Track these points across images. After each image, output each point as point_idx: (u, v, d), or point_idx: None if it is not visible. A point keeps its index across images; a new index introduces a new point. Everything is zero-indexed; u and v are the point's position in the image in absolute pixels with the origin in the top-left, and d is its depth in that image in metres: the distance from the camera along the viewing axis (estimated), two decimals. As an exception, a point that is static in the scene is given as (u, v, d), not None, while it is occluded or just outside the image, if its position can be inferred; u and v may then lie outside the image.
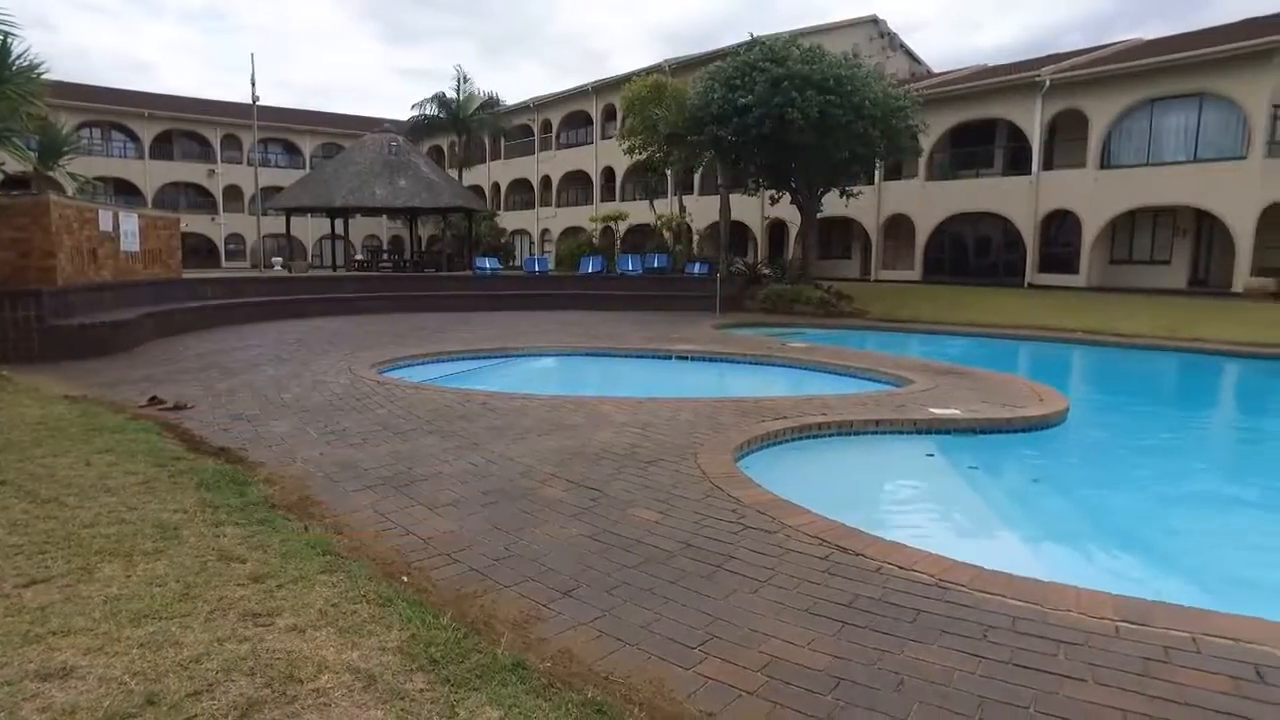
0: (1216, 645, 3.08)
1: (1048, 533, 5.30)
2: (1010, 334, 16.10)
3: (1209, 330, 15.28)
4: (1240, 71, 22.51)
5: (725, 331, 16.42)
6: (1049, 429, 7.57)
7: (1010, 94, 27.02)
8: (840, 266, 32.81)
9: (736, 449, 5.98)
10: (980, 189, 28.33)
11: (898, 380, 9.54)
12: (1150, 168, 24.50)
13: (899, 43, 37.33)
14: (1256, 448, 8.59)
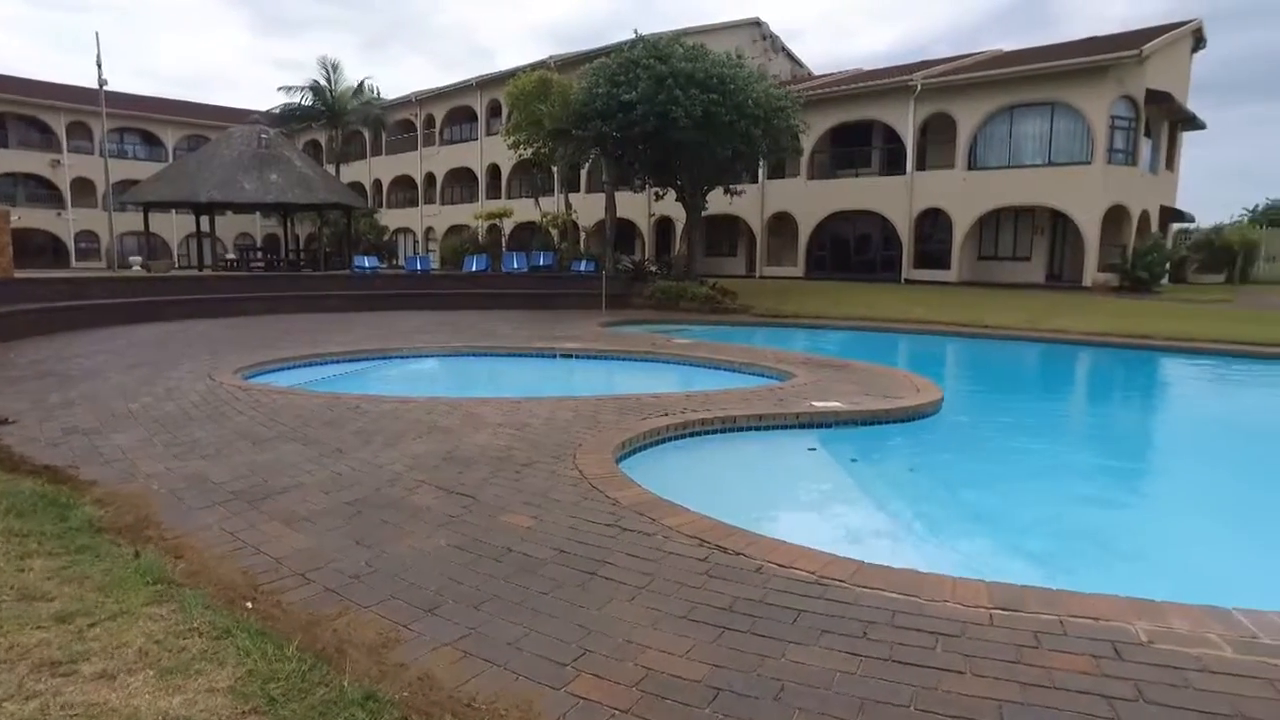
0: (1081, 626, 3.13)
1: (926, 522, 5.40)
2: (889, 327, 16.67)
3: (1066, 321, 16.31)
4: (1083, 84, 24.18)
5: (611, 329, 16.30)
6: (926, 418, 7.78)
7: (885, 97, 28.10)
8: (726, 264, 33.34)
9: (617, 448, 5.82)
10: (859, 188, 29.36)
11: (781, 374, 9.63)
12: (1011, 170, 25.98)
13: (780, 45, 38.23)
14: (1112, 429, 9.13)
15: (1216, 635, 3.09)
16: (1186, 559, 4.78)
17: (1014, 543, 5.00)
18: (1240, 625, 3.18)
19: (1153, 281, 24.63)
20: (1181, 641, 3.02)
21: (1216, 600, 3.40)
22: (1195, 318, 17.39)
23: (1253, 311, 19.56)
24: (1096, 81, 24.04)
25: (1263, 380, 11.95)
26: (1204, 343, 14.04)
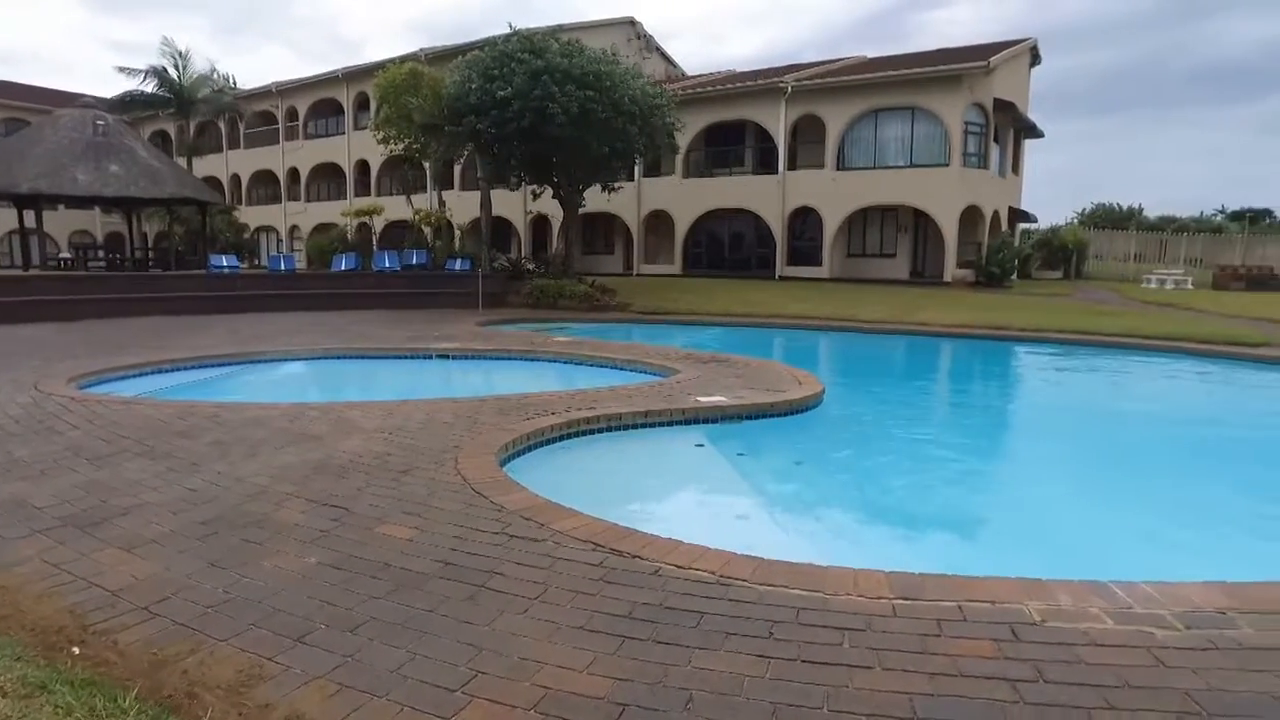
0: (979, 610, 3.15)
1: (819, 514, 5.44)
2: (766, 323, 17.03)
3: (930, 315, 17.14)
4: (940, 91, 25.59)
5: (488, 328, 15.88)
6: (809, 411, 7.89)
7: (758, 98, 28.77)
8: (604, 261, 33.30)
9: (500, 451, 5.56)
10: (733, 186, 29.95)
11: (664, 371, 9.58)
12: (877, 170, 27.15)
13: (655, 45, 38.52)
14: (981, 415, 9.60)
15: (1098, 609, 3.18)
16: (1063, 536, 4.99)
17: (906, 530, 5.10)
18: (1118, 598, 3.29)
19: (1004, 277, 26.34)
20: (1069, 618, 3.10)
21: (1094, 574, 3.53)
22: (1042, 310, 18.71)
23: (1087, 304, 21.26)
24: (951, 89, 25.47)
25: (1104, 366, 12.90)
26: (1052, 332, 15.07)
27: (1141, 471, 6.79)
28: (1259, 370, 12.13)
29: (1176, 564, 4.57)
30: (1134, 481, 6.43)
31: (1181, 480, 6.57)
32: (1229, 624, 3.11)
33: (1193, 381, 11.69)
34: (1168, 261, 34.83)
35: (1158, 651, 2.86)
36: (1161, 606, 3.22)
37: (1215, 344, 13.67)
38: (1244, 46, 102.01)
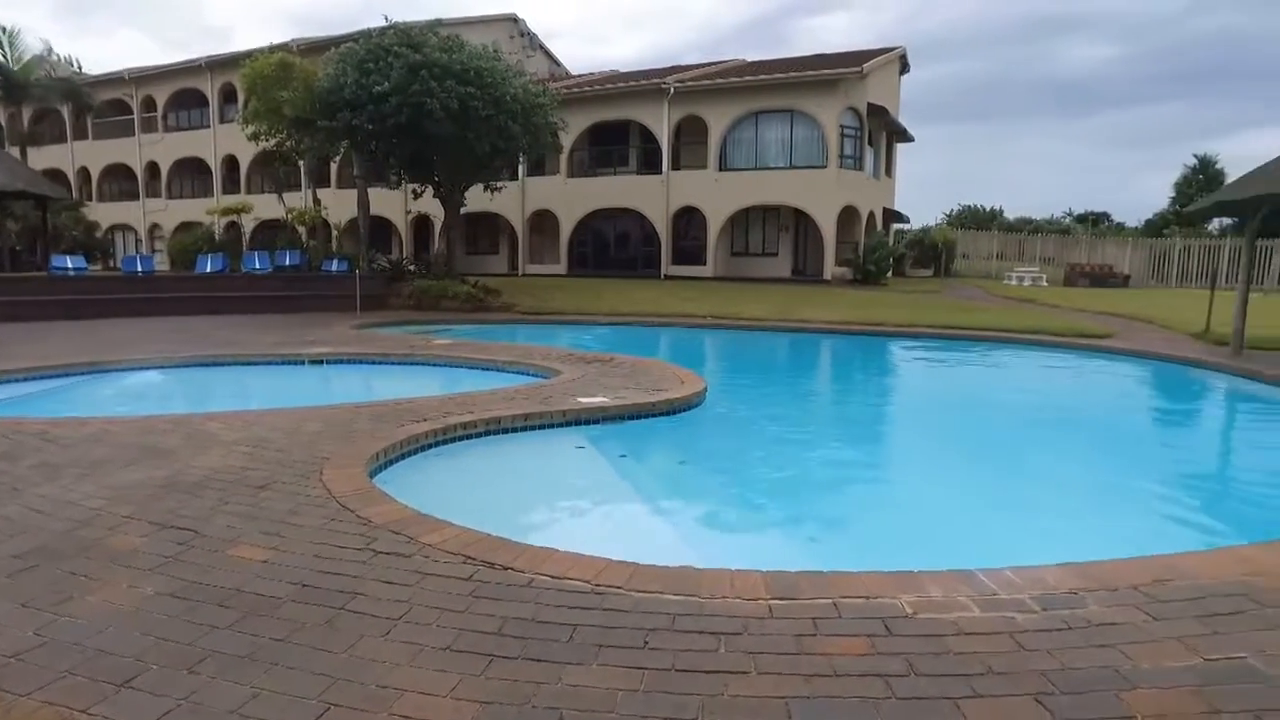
0: (853, 607, 3.16)
1: (701, 515, 5.41)
2: (651, 322, 17.09)
3: (811, 312, 17.65)
4: (817, 95, 26.45)
5: (366, 331, 15.27)
6: (691, 409, 7.90)
7: (641, 98, 28.93)
8: (489, 262, 32.74)
9: (370, 460, 5.27)
10: (618, 186, 30.01)
11: (546, 371, 9.42)
12: (758, 171, 27.79)
13: (538, 43, 38.15)
14: (859, 410, 9.88)
15: (965, 597, 3.26)
16: (936, 526, 5.14)
17: (786, 527, 5.14)
18: (983, 585, 3.38)
19: (880, 275, 27.47)
20: (939, 609, 3.15)
21: (962, 563, 3.63)
22: (916, 307, 19.59)
23: (957, 300, 22.45)
24: (828, 93, 26.35)
25: (972, 358, 13.60)
26: (925, 328, 15.79)
27: (1005, 459, 7.13)
28: (1107, 360, 13.07)
29: (1037, 546, 4.77)
30: (1000, 469, 6.75)
31: (1040, 465, 6.94)
32: (1080, 603, 3.24)
33: (1050, 371, 12.46)
34: (1026, 260, 37.24)
35: (1018, 636, 2.94)
36: (1022, 591, 3.33)
37: (1068, 336, 14.65)
38: (1084, 66, 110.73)
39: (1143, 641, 2.93)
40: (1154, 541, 4.75)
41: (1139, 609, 3.20)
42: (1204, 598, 3.34)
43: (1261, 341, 13.19)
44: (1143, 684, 2.64)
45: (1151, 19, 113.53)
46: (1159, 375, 11.94)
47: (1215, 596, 3.36)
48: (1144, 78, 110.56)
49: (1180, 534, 5.12)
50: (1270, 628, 3.10)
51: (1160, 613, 3.18)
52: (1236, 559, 3.82)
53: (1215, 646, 2.92)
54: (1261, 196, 11.20)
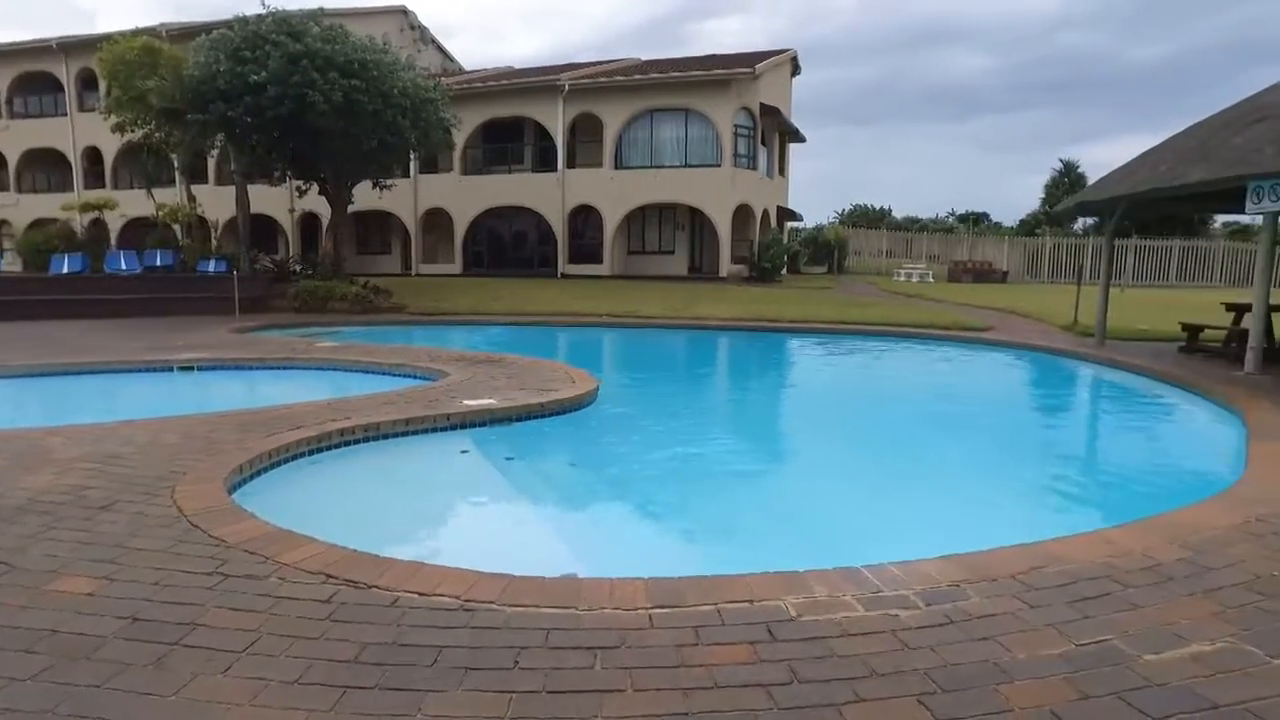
0: (737, 612, 3.05)
1: (587, 519, 5.20)
2: (547, 321, 16.82)
3: (707, 309, 17.77)
4: (711, 95, 26.73)
5: (246, 335, 14.42)
6: (582, 409, 7.73)
7: (536, 95, 28.54)
8: (381, 261, 31.70)
9: (233, 474, 4.86)
10: (513, 184, 29.54)
11: (433, 374, 9.06)
12: (654, 170, 27.86)
13: (430, 37, 37.16)
14: (753, 407, 9.92)
15: (850, 596, 3.20)
16: (825, 522, 5.13)
17: (674, 529, 5.00)
18: (867, 582, 3.34)
19: (775, 272, 27.99)
20: (823, 609, 3.08)
21: (851, 558, 3.59)
22: (810, 303, 20.01)
23: (849, 296, 23.09)
24: (721, 93, 26.66)
25: (864, 353, 13.93)
26: (818, 323, 16.12)
27: (894, 451, 7.24)
28: (987, 351, 13.64)
29: (924, 538, 4.81)
30: (889, 462, 6.84)
31: (927, 456, 7.08)
32: (961, 596, 3.24)
33: (935, 363, 12.90)
34: (914, 257, 38.79)
35: (902, 634, 2.90)
36: (906, 586, 3.31)
37: (952, 330, 15.23)
38: (963, 74, 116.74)
39: (1019, 631, 2.94)
40: (1031, 526, 4.89)
41: (1016, 598, 3.23)
42: (1074, 582, 3.40)
43: (1120, 332, 14.06)
44: (1019, 676, 2.63)
45: (1020, 34, 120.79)
46: (1034, 365, 12.53)
47: (1084, 580, 3.43)
48: (1016, 86, 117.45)
49: (1054, 518, 5.29)
50: (1131, 608, 3.18)
51: (1036, 600, 3.21)
52: (1102, 541, 3.92)
53: (1084, 631, 2.97)
54: (1116, 198, 11.88)
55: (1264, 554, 3.84)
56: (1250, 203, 9.61)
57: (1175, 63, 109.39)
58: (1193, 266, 36.31)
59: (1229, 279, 36.08)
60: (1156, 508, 4.57)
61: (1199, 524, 4.23)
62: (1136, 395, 9.90)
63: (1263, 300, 10.19)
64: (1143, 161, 11.95)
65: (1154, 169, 11.22)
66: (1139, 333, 14.49)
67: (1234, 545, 3.94)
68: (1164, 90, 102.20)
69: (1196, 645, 2.90)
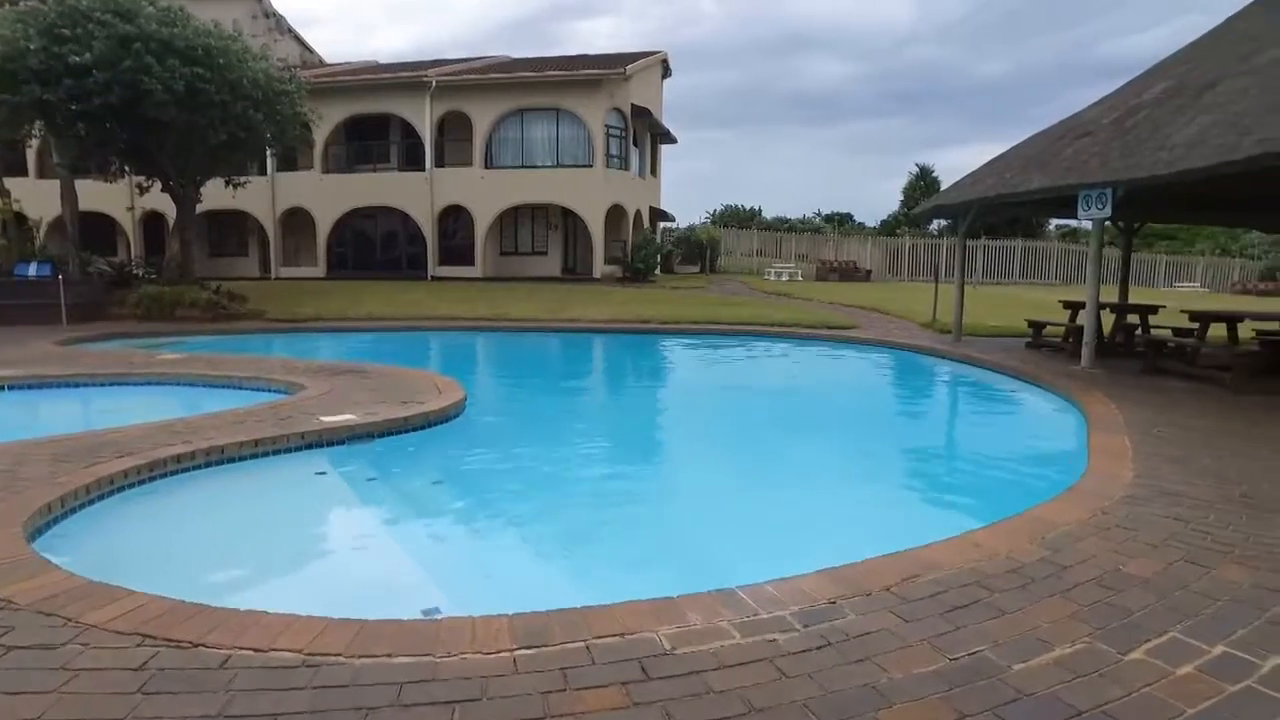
0: (608, 649, 2.86)
1: (454, 546, 4.80)
2: (416, 326, 16.16)
3: (580, 311, 17.57)
4: (583, 95, 26.57)
5: (74, 347, 13.07)
6: (450, 421, 7.37)
7: (402, 91, 27.52)
8: (237, 264, 29.76)
9: (37, 515, 4.25)
10: (380, 183, 28.39)
11: (289, 387, 8.43)
12: (525, 170, 27.43)
13: (287, 26, 35.18)
14: (629, 413, 9.78)
15: (726, 622, 3.07)
16: (697, 538, 5.00)
17: (545, 553, 4.70)
18: (744, 605, 3.23)
19: (648, 272, 28.12)
20: (699, 639, 2.93)
21: (725, 576, 3.48)
22: (684, 302, 20.16)
23: (722, 296, 23.46)
24: (593, 93, 26.53)
25: (736, 353, 14.10)
26: (691, 323, 16.23)
27: (768, 455, 7.26)
28: (852, 349, 14.10)
29: (800, 548, 4.78)
30: (764, 467, 6.82)
31: (800, 461, 7.13)
32: (839, 614, 3.17)
33: (803, 362, 13.20)
34: (783, 257, 39.95)
35: (780, 661, 2.79)
36: (783, 607, 3.21)
37: (820, 328, 15.67)
38: (827, 81, 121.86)
39: (896, 649, 2.90)
40: (904, 529, 4.95)
41: (891, 612, 3.19)
42: (945, 591, 3.41)
43: (974, 329, 14.88)
44: (898, 698, 2.58)
45: (875, 46, 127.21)
46: (899, 363, 13.04)
47: (954, 589, 3.44)
48: (876, 94, 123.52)
49: (924, 519, 5.39)
50: (999, 614, 3.21)
51: (910, 613, 3.19)
52: (970, 544, 3.99)
53: (957, 643, 2.96)
54: (969, 201, 12.53)
55: (1110, 548, 4.01)
56: (1081, 209, 10.29)
57: (1015, 78, 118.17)
58: (1032, 265, 39.20)
59: (1063, 276, 39.19)
60: (1018, 504, 4.72)
61: (1054, 520, 4.39)
62: (993, 391, 10.43)
63: (1094, 299, 10.95)
64: (990, 169, 12.65)
65: (1001, 176, 11.88)
66: (991, 329, 15.38)
67: (1084, 540, 4.10)
68: (1006, 102, 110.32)
69: (1059, 649, 2.95)
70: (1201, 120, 8.78)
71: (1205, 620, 3.22)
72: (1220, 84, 9.28)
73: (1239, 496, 5.00)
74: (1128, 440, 6.42)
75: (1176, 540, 4.13)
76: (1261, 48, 9.36)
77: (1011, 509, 4.61)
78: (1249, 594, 3.51)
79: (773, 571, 3.57)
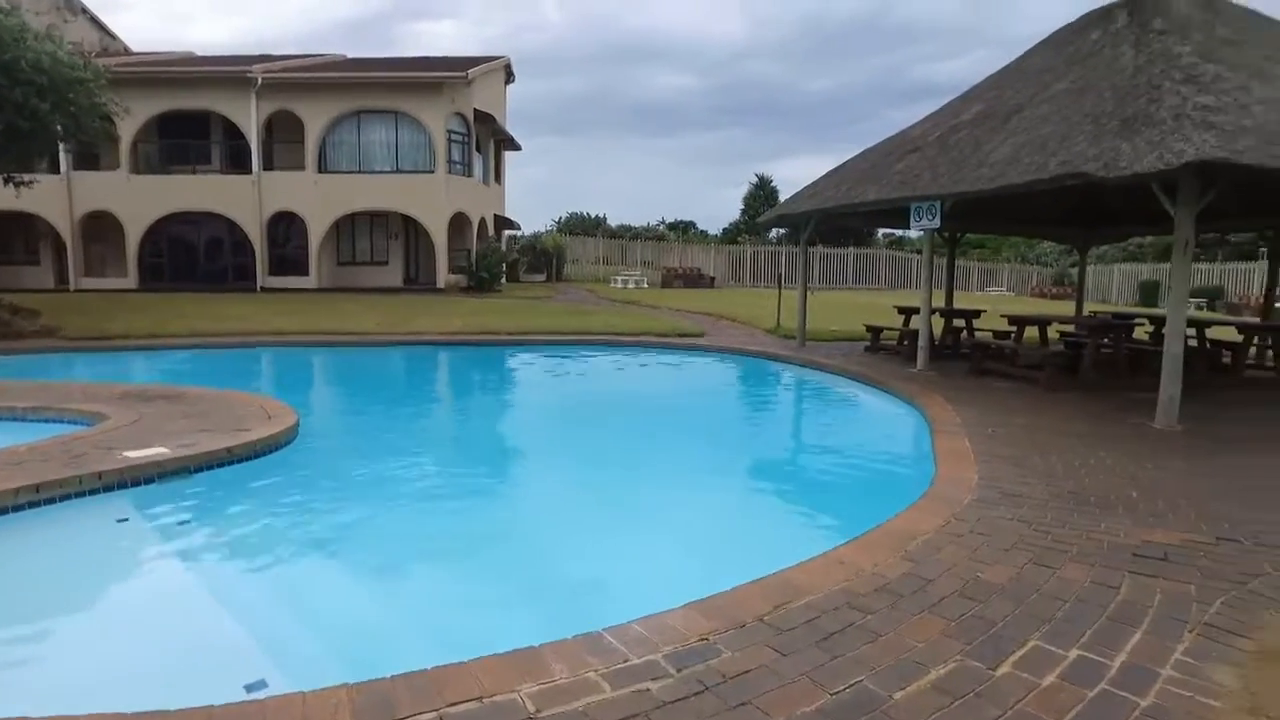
0: (464, 716, 2.53)
1: (283, 602, 4.13)
2: (243, 343, 14.84)
3: (424, 323, 16.82)
4: (423, 98, 25.67)
5: None
6: (280, 450, 6.69)
7: (223, 87, 25.53)
8: (25, 274, 26.49)
9: None
10: (200, 186, 26.18)
11: (87, 418, 7.39)
12: (363, 175, 26.15)
13: (81, 6, 31.79)
14: (473, 430, 9.30)
15: (595, 673, 2.82)
16: (558, 572, 4.67)
17: (389, 602, 4.21)
18: (612, 651, 2.99)
19: (494, 281, 27.48)
20: (566, 696, 2.66)
21: (589, 614, 3.23)
22: (531, 312, 19.77)
23: (568, 305, 23.26)
24: (434, 97, 25.67)
25: (585, 364, 13.89)
26: (538, 334, 15.88)
27: (622, 476, 7.03)
28: (701, 357, 14.24)
29: (664, 576, 4.61)
30: (618, 489, 6.59)
31: (656, 479, 6.96)
32: (713, 652, 2.99)
33: (653, 372, 13.16)
34: (629, 264, 40.28)
35: (655, 716, 2.56)
36: (653, 649, 2.99)
37: (668, 336, 15.75)
38: (668, 92, 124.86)
39: (775, 688, 2.75)
40: (768, 547, 4.88)
41: (768, 646, 3.05)
42: (818, 617, 3.32)
43: (816, 334, 15.45)
44: (781, 747, 2.41)
45: (712, 60, 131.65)
46: (748, 371, 13.26)
47: (826, 612, 3.36)
48: (715, 107, 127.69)
49: (788, 535, 5.36)
50: (874, 638, 3.15)
51: (786, 645, 3.06)
52: (836, 563, 3.94)
53: (837, 675, 2.85)
54: (809, 211, 12.98)
55: (966, 555, 4.09)
56: (913, 220, 10.85)
57: (838, 95, 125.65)
58: (864, 271, 41.64)
59: (890, 281, 41.90)
60: (876, 510, 4.76)
61: (913, 530, 4.44)
62: (841, 397, 10.76)
63: (927, 305, 11.59)
64: (829, 180, 13.15)
65: (838, 187, 12.37)
66: (832, 334, 16.01)
67: (943, 549, 4.16)
68: (832, 118, 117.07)
69: (934, 670, 2.91)
70: (1013, 141, 9.44)
71: (1058, 624, 3.30)
72: (1025, 110, 10.04)
73: (1067, 493, 5.29)
74: (968, 442, 6.72)
75: (1024, 543, 4.28)
76: (1056, 79, 10.21)
77: (871, 517, 4.64)
78: (1089, 592, 3.65)
79: (639, 604, 3.36)
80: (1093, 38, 10.45)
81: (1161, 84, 8.19)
